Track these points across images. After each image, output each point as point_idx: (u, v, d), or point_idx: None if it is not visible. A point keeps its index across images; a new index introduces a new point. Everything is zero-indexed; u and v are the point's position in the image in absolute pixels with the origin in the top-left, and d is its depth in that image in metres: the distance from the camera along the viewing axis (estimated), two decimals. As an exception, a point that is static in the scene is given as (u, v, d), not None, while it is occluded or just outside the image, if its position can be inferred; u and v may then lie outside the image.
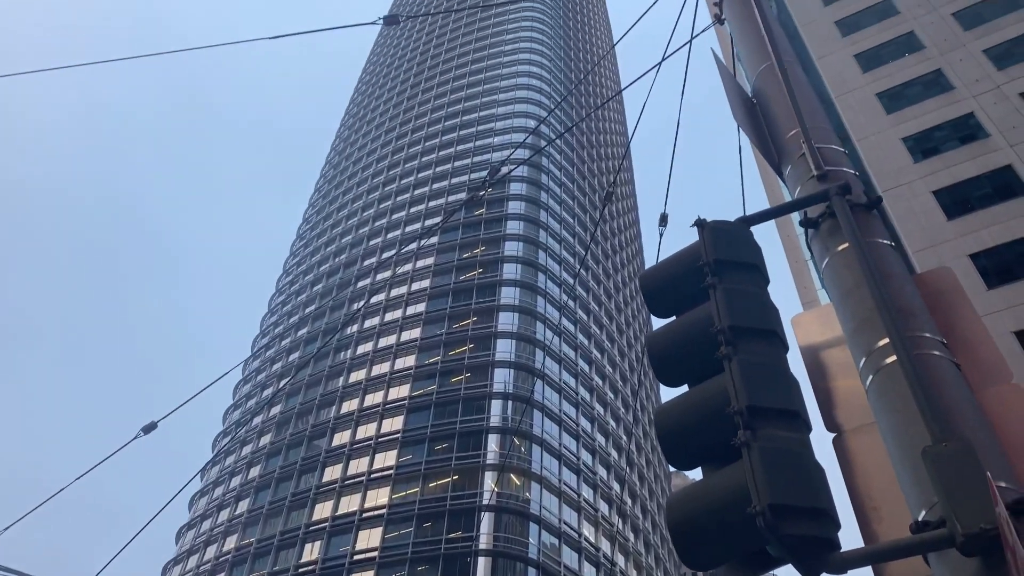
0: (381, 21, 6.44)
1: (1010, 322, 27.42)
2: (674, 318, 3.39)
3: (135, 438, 6.81)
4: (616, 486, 73.53)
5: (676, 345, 3.22)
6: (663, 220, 6.53)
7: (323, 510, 62.88)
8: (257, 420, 78.51)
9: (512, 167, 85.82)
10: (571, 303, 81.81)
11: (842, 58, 40.96)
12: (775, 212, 3.52)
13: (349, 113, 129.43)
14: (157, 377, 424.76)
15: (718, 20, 5.18)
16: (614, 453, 76.68)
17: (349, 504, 62.06)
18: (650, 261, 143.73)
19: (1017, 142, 31.91)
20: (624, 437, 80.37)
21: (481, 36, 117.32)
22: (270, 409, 77.90)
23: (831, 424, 3.15)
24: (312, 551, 60.59)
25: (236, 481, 72.88)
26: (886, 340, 2.83)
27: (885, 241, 3.35)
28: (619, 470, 75.09)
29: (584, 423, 72.90)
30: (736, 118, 3.84)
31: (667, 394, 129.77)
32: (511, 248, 79.65)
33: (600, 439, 74.90)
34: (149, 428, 6.59)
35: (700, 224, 3.44)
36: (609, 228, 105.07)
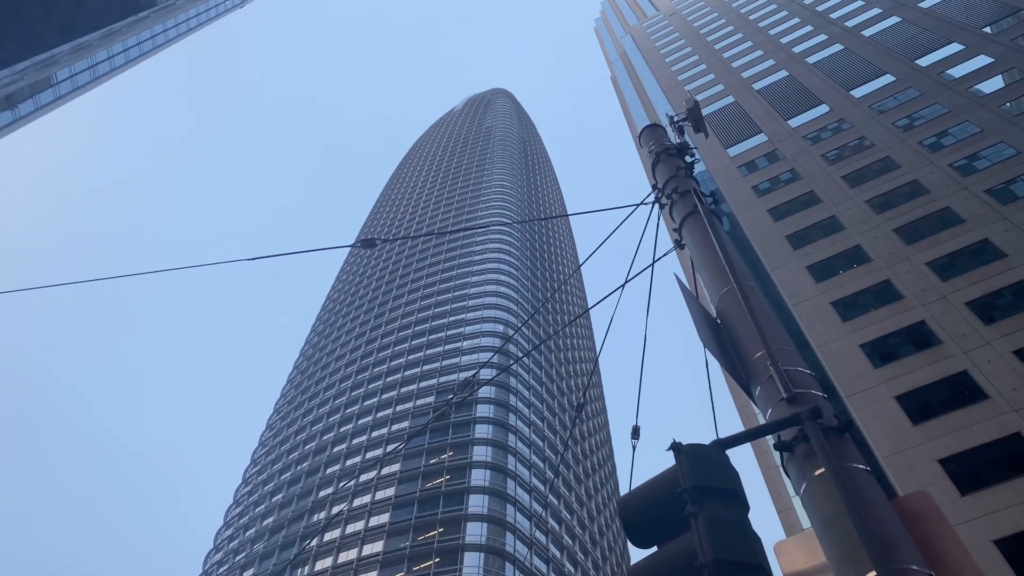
0: (359, 244, 6.74)
1: (988, 530, 26.93)
2: (655, 549, 3.27)
3: None
4: None
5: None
6: (635, 433, 6.51)
7: None
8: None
9: (479, 384, 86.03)
10: (541, 509, 79.17)
11: (795, 269, 43.01)
12: (749, 435, 3.53)
13: (320, 320, 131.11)
14: None
15: (678, 245, 5.48)
16: None
17: None
18: (620, 464, 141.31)
19: (969, 348, 32.99)
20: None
21: (451, 250, 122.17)
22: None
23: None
24: None
25: None
26: (873, 574, 2.75)
27: (860, 466, 3.36)
28: None
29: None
30: (703, 341, 3.96)
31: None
32: (479, 453, 78.08)
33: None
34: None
35: (676, 448, 3.41)
36: (581, 438, 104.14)
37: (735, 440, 3.56)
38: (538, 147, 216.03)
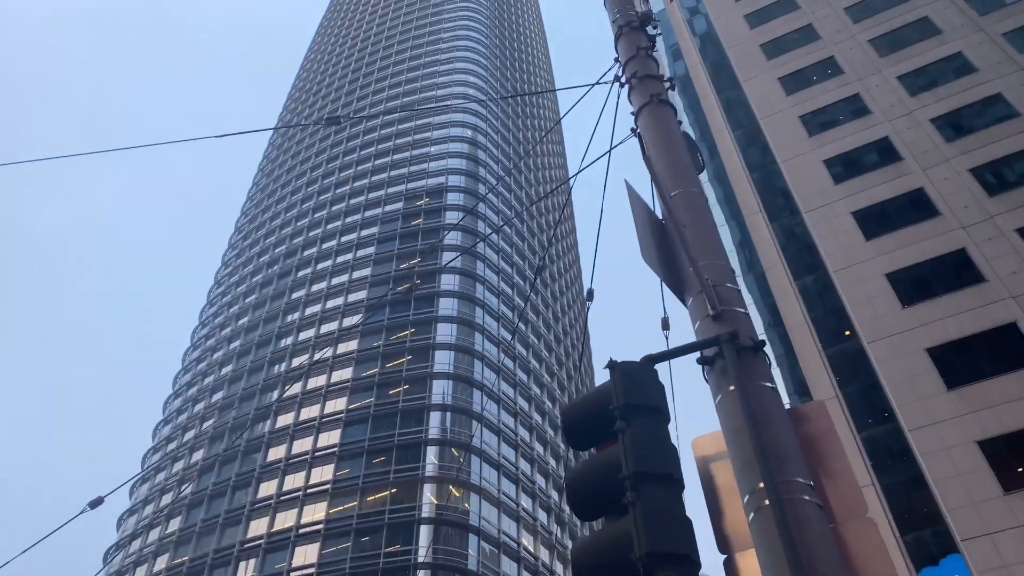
0: (323, 123, 6.75)
1: (924, 338, 28.95)
2: (591, 452, 3.92)
3: (81, 512, 6.92)
4: (555, 495, 74.34)
5: (590, 484, 3.73)
6: (590, 295, 7.04)
7: (258, 527, 61.98)
8: (189, 435, 76.87)
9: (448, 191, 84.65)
10: (508, 308, 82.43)
11: (767, 80, 42.51)
12: (676, 352, 4.03)
13: (286, 108, 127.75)
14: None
15: (634, 133, 5.69)
16: (552, 462, 77.50)
17: (285, 520, 61.34)
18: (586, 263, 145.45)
19: (929, 166, 33.71)
20: (562, 445, 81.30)
21: (417, 41, 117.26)
22: (202, 423, 76.34)
23: (722, 546, 3.66)
24: (247, 569, 59.67)
25: (167, 499, 71.21)
26: (762, 485, 3.34)
27: (768, 384, 3.89)
28: (557, 478, 75.91)
29: (523, 432, 73.53)
30: (644, 257, 4.34)
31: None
32: (448, 256, 79.85)
33: (539, 448, 75.63)
34: (95, 503, 6.74)
35: (612, 367, 3.96)
36: (551, 262, 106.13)
37: (663, 356, 4.07)
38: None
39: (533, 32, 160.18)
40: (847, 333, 32.31)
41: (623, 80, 6.25)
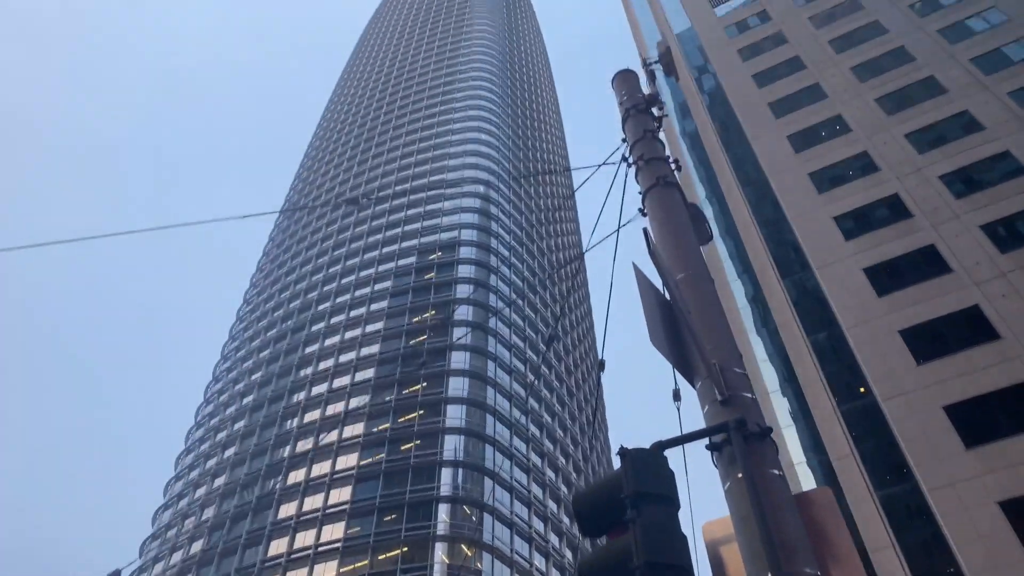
0: (343, 202, 6.98)
1: (940, 396, 28.68)
2: (603, 540, 3.99)
3: (98, 584, 6.96)
4: (568, 554, 73.09)
5: (603, 572, 3.81)
6: (601, 367, 7.15)
7: (268, 586, 61.16)
8: (200, 491, 76.42)
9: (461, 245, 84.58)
10: (521, 365, 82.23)
11: (776, 138, 43.02)
12: (686, 438, 4.14)
13: (298, 177, 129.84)
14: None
15: (642, 213, 5.87)
16: (566, 520, 76.42)
17: (296, 579, 60.53)
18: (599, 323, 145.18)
19: (939, 222, 33.82)
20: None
21: (431, 107, 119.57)
22: (214, 480, 75.94)
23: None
24: (256, 630, 58.72)
25: (177, 557, 70.50)
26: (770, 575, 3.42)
27: (776, 471, 3.97)
28: (572, 537, 74.74)
29: (536, 489, 72.72)
30: (653, 341, 4.47)
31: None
32: (461, 312, 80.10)
33: (552, 506, 74.67)
34: (114, 575, 6.76)
35: (623, 454, 4.07)
36: (560, 296, 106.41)
37: (673, 442, 4.17)
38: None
39: (546, 100, 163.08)
40: (862, 390, 32.07)
41: (630, 161, 6.47)
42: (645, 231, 5.30)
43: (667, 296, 5.00)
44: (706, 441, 4.17)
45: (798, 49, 47.71)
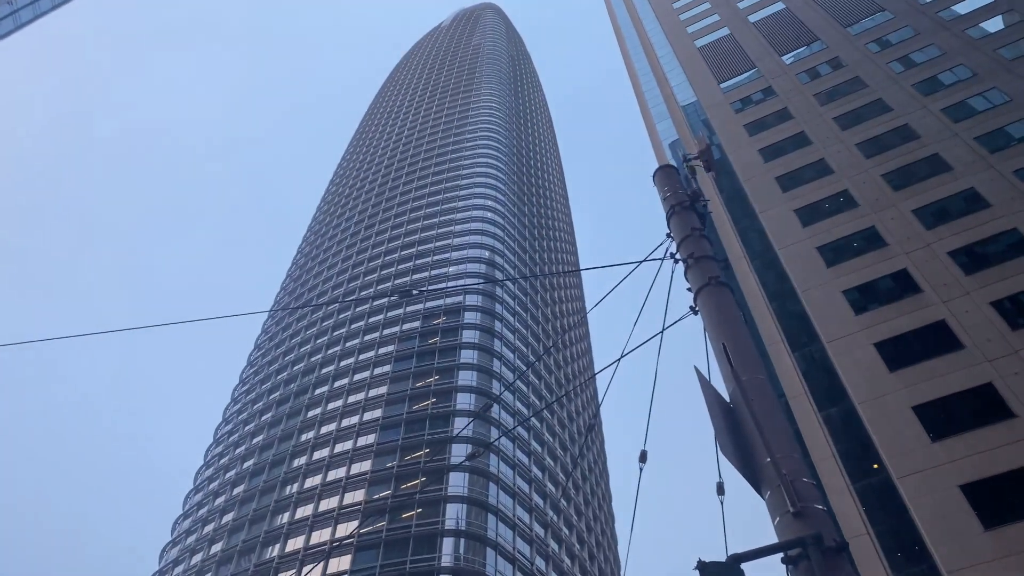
0: (396, 296, 7.06)
1: (955, 475, 28.28)
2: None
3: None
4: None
5: None
6: (643, 457, 7.12)
7: (263, 660, 59.38)
8: (197, 558, 74.87)
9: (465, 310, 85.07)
10: (524, 432, 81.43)
11: (783, 212, 43.44)
12: (762, 552, 4.12)
13: (306, 240, 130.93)
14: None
15: (694, 311, 5.94)
16: (568, 593, 74.61)
17: (291, 652, 58.80)
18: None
19: (949, 298, 33.88)
20: (579, 574, 78.43)
21: (437, 175, 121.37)
22: (211, 546, 74.49)
23: None
24: None
25: (170, 626, 68.67)
26: None
27: (855, 587, 3.95)
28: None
29: (539, 562, 71.17)
30: (723, 450, 4.49)
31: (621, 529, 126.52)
32: (465, 377, 79.72)
33: (554, 578, 72.98)
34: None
35: (701, 568, 4.05)
36: (561, 350, 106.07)
37: (748, 556, 4.15)
38: (527, 65, 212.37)
39: (551, 169, 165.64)
40: (875, 466, 31.66)
41: (677, 257, 6.56)
42: (710, 337, 5.35)
43: (730, 403, 5.02)
44: (781, 555, 4.14)
45: (803, 125, 48.60)
